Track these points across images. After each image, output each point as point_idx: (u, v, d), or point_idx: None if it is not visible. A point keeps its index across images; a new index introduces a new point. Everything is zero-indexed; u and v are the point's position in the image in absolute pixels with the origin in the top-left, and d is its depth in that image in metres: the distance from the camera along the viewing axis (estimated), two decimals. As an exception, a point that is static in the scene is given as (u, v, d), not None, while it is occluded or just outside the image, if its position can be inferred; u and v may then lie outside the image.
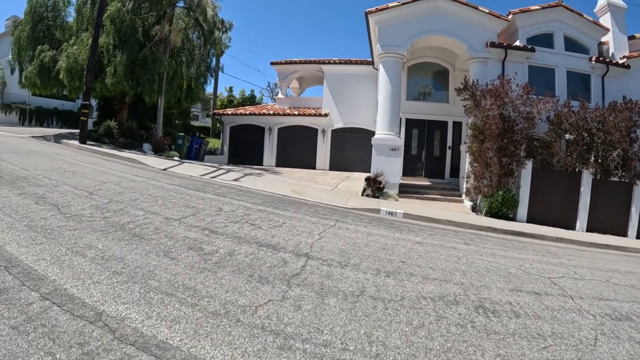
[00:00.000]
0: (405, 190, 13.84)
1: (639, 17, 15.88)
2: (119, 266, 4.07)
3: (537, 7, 14.62)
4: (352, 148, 19.78)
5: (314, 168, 19.83)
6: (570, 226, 12.44)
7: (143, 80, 16.68)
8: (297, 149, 20.31)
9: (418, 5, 13.89)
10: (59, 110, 28.61)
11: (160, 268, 4.13)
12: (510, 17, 14.40)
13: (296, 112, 20.55)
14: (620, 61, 14.99)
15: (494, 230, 10.25)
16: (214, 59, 23.51)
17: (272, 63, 21.92)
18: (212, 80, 29.25)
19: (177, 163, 13.99)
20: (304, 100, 22.84)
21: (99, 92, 18.25)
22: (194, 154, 19.19)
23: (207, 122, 43.40)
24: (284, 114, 20.64)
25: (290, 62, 21.73)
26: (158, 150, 16.92)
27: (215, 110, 25.55)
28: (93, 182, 8.19)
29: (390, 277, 4.86)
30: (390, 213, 10.23)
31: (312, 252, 5.30)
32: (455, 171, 16.88)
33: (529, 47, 13.96)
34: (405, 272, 5.17)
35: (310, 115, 20.31)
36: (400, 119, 15.76)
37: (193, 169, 13.11)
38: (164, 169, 12.03)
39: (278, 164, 20.06)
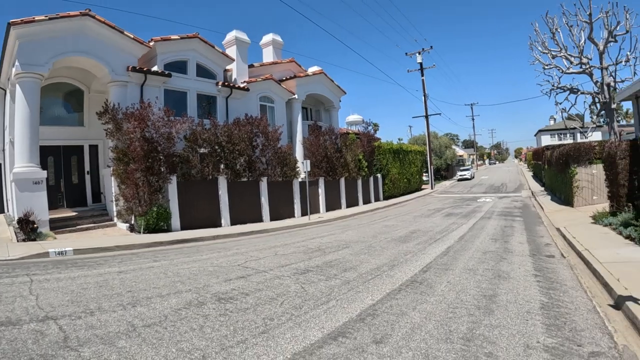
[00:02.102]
0: (56, 226, 15.19)
1: (258, 51, 24.45)
2: None
3: (177, 37, 19.70)
4: None
5: None
6: (217, 224, 17.84)
7: None
8: None
9: (66, 22, 15.61)
10: None
11: None
12: (152, 43, 18.67)
13: None
14: (242, 85, 22.39)
15: (162, 243, 13.60)
16: None
17: None
18: None
19: None
20: None
21: None
22: None
23: None
24: None
25: None
26: None
27: None
28: None
29: (138, 306, 6.23)
30: (60, 253, 11.51)
31: (51, 313, 5.94)
32: (97, 196, 19.63)
33: (167, 72, 18.67)
34: (142, 297, 6.68)
35: None
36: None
37: None
38: None
39: None
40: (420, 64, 42.49)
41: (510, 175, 56.52)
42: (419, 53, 42.42)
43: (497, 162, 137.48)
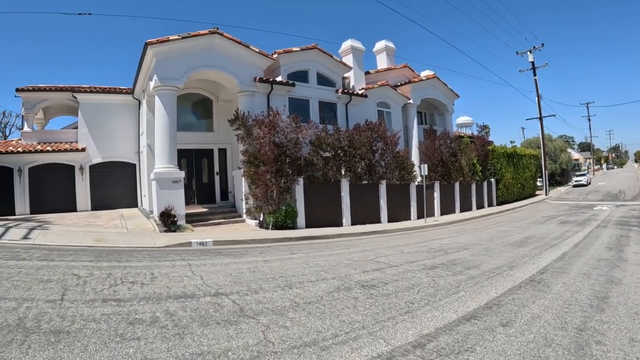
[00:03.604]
0: (190, 220, 16.45)
1: (373, 57, 25.28)
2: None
3: (298, 49, 20.68)
4: (114, 184, 21.86)
5: (75, 210, 20.71)
6: (338, 223, 18.42)
7: None
8: (53, 191, 20.73)
9: (196, 40, 17.01)
10: None
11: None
12: (275, 56, 19.77)
13: (50, 149, 20.85)
14: (360, 92, 22.76)
15: (290, 239, 14.42)
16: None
17: (17, 90, 21.69)
18: None
19: None
20: (54, 134, 23.24)
21: None
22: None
23: None
24: (36, 151, 20.64)
25: (39, 89, 21.99)
26: None
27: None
28: None
29: (294, 288, 7.09)
30: (202, 243, 12.51)
31: (220, 290, 6.80)
32: (225, 194, 21.10)
33: (291, 82, 19.62)
34: (294, 282, 7.55)
35: (65, 150, 21.06)
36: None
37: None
38: None
39: (34, 211, 20.04)
40: (532, 62, 40.20)
41: (629, 182, 51.78)
42: (530, 52, 40.11)
43: (615, 167, 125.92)
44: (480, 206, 28.44)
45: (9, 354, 4.21)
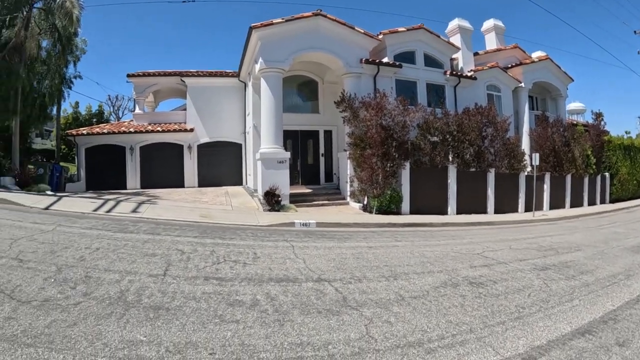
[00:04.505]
0: (294, 200, 16.62)
1: (480, 37, 24.33)
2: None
3: (403, 29, 20.22)
4: (220, 163, 22.98)
5: (183, 186, 22.01)
6: (443, 211, 17.80)
7: (-5, 98, 16.28)
8: (162, 168, 22.28)
9: (300, 22, 17.09)
10: None
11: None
12: (380, 36, 19.42)
13: (159, 129, 22.40)
14: (469, 74, 21.74)
15: (395, 225, 14.09)
16: (71, 68, 23.68)
17: (129, 75, 23.26)
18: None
19: (55, 199, 14.31)
20: (163, 115, 24.92)
21: None
22: (55, 183, 19.29)
23: (46, 144, 43.37)
24: (146, 131, 22.31)
25: (149, 75, 23.52)
26: (24, 184, 17.01)
27: (69, 131, 25.08)
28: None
29: (399, 279, 6.89)
30: (305, 224, 12.51)
31: (322, 276, 6.73)
32: (329, 176, 21.14)
33: (397, 63, 19.12)
34: (399, 272, 7.35)
35: (174, 131, 22.52)
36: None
37: (78, 204, 13.69)
38: (46, 208, 12.35)
39: (144, 186, 21.65)
40: (654, 44, 36.56)
41: None
42: (650, 30, 36.45)
43: None
44: (591, 202, 26.15)
45: (107, 327, 4.33)
